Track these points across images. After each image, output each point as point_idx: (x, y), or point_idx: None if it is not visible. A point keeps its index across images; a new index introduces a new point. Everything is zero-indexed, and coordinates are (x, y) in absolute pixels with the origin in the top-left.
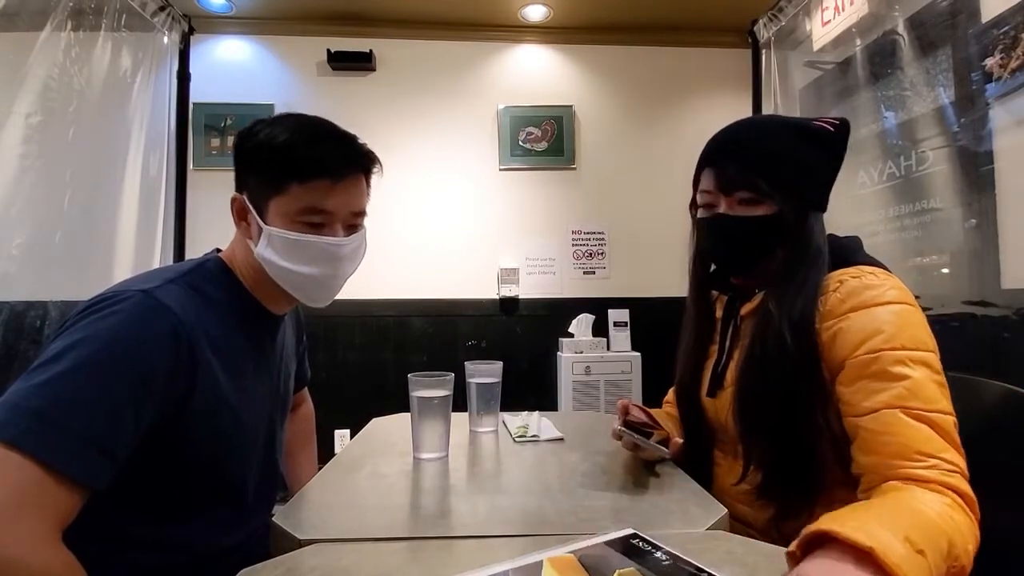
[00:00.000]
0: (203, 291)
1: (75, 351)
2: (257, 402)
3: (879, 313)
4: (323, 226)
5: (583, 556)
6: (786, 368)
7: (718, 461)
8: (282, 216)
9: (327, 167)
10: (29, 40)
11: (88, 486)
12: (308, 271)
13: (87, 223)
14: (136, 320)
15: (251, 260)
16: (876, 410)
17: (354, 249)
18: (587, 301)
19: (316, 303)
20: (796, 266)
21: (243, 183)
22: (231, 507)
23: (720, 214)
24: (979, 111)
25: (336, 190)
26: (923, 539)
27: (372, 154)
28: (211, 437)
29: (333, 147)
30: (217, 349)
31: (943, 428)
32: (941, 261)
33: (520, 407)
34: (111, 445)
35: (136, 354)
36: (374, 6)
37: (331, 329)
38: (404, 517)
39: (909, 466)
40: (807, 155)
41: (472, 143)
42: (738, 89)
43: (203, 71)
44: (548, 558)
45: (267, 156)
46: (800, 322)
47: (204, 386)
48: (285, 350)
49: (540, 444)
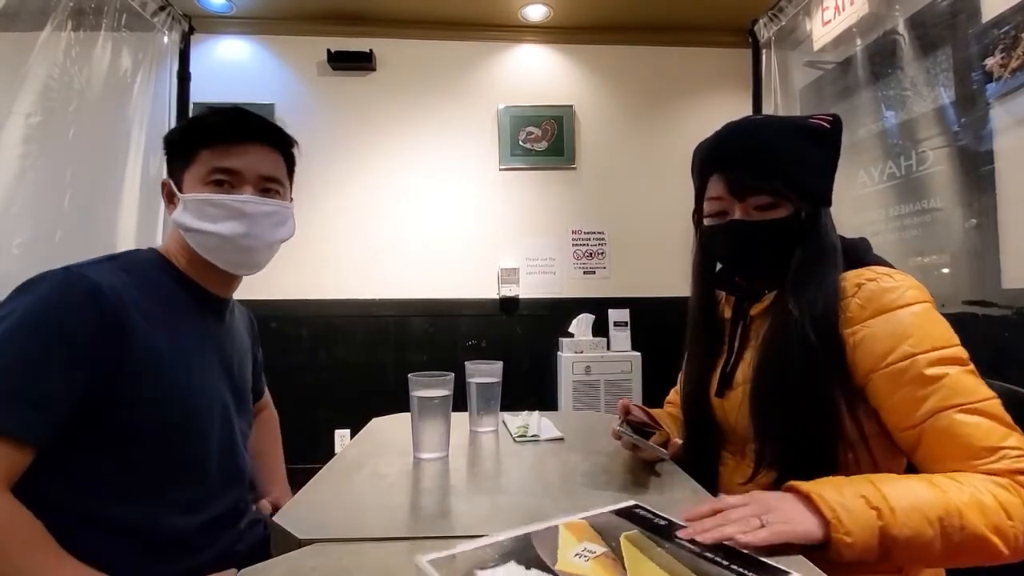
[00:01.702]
0: (131, 271)
1: (4, 322)
2: (208, 379)
3: (902, 316)
4: (233, 187)
5: (593, 522)
6: (810, 365)
7: (724, 461)
8: (195, 182)
9: (229, 129)
10: (29, 40)
11: (24, 441)
12: (218, 229)
13: (87, 223)
14: (55, 290)
15: (181, 241)
16: (931, 415)
17: (269, 213)
18: (587, 301)
19: (241, 270)
20: (812, 263)
21: (169, 168)
22: (193, 486)
23: (737, 220)
24: (979, 111)
25: (240, 152)
26: (891, 500)
27: (283, 132)
28: (158, 403)
29: (235, 115)
30: (150, 320)
31: (995, 414)
32: (941, 261)
33: (520, 407)
34: (43, 400)
35: (56, 317)
36: (374, 6)
37: (331, 329)
38: (404, 517)
39: (981, 464)
40: (813, 153)
41: (472, 143)
42: (738, 89)
43: (203, 71)
44: (563, 523)
45: (181, 133)
46: (823, 319)
47: (139, 350)
48: (236, 340)
49: (540, 444)
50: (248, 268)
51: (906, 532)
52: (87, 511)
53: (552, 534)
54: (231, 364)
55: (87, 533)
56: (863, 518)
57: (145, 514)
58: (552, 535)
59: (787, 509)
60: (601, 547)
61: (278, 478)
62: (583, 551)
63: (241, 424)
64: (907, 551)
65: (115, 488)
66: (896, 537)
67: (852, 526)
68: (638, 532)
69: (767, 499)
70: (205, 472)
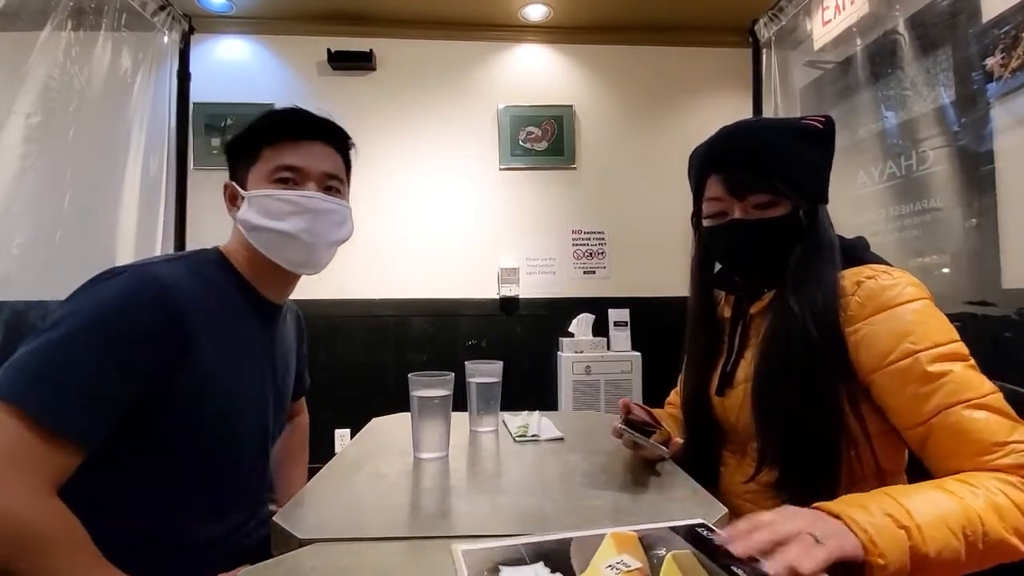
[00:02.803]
0: (200, 272)
1: (72, 318)
2: (251, 385)
3: (902, 313)
4: (297, 184)
5: (645, 535)
6: (812, 362)
7: (725, 461)
8: (259, 180)
9: (291, 128)
10: (29, 40)
11: (79, 443)
12: (284, 226)
13: (87, 223)
14: (125, 289)
15: (243, 241)
16: (937, 412)
17: (331, 210)
18: (587, 301)
19: (300, 268)
20: (811, 260)
21: (232, 170)
22: (221, 490)
23: (737, 220)
24: (979, 111)
25: (302, 148)
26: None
27: (342, 130)
28: (202, 410)
29: (297, 114)
30: (210, 325)
31: (1000, 408)
32: (941, 261)
33: (520, 407)
34: (100, 405)
35: (124, 319)
36: (374, 6)
37: (331, 329)
38: (404, 517)
39: (990, 460)
40: (810, 153)
41: (472, 143)
42: (738, 89)
43: (203, 71)
44: (612, 533)
45: (244, 134)
46: (823, 315)
47: (195, 357)
48: (284, 344)
49: (540, 444)
50: (309, 267)
51: (935, 547)
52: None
53: (595, 542)
54: (275, 371)
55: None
56: (894, 538)
57: (172, 520)
58: (594, 543)
59: (830, 523)
60: (637, 562)
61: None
62: (618, 563)
63: (274, 429)
64: (937, 566)
65: (144, 492)
66: (927, 555)
67: (885, 547)
68: (690, 552)
69: (805, 514)
70: (235, 481)
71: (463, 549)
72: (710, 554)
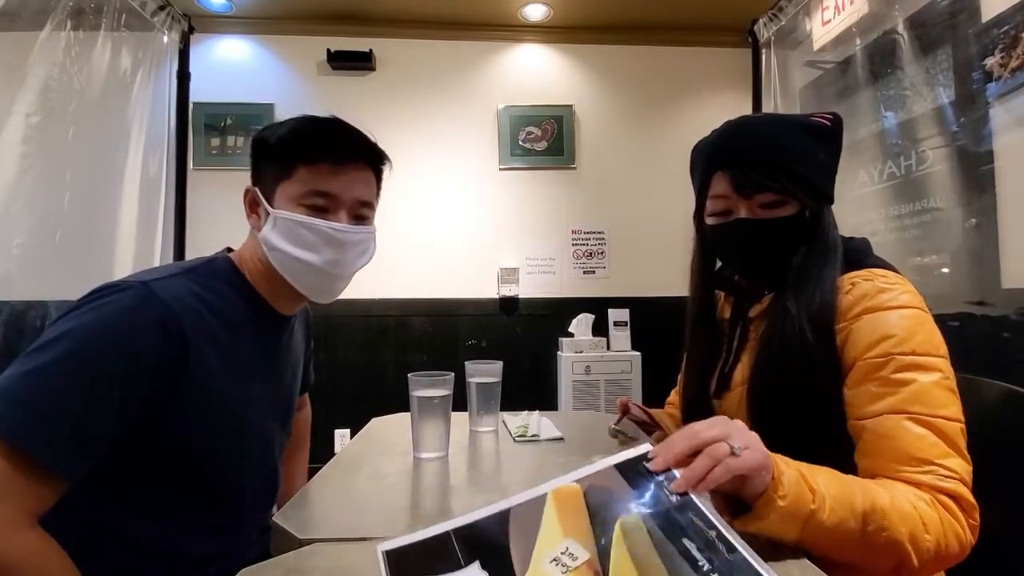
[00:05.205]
0: (208, 287)
1: (65, 340)
2: (258, 406)
3: (890, 317)
4: (327, 211)
5: (589, 490)
6: (806, 363)
7: None
8: (288, 200)
9: (333, 150)
10: (29, 40)
11: (61, 476)
12: (310, 257)
13: (87, 223)
14: (125, 310)
15: (260, 255)
16: (880, 414)
17: (359, 241)
18: (587, 301)
19: (320, 297)
20: (814, 262)
21: (256, 174)
22: (226, 510)
23: (743, 219)
24: (979, 111)
25: (340, 174)
26: (823, 485)
27: (381, 151)
28: (206, 434)
29: (340, 134)
30: (216, 344)
31: (947, 434)
32: (941, 261)
33: (520, 407)
34: (88, 437)
35: (121, 346)
36: (374, 6)
37: (331, 329)
38: (404, 517)
39: (906, 471)
40: (818, 151)
41: (472, 143)
42: (738, 89)
43: (203, 71)
44: (553, 490)
45: (279, 142)
46: (819, 316)
47: (197, 379)
48: (292, 354)
49: (540, 444)
50: (326, 296)
51: (833, 520)
52: (117, 529)
53: (535, 511)
54: (282, 382)
55: (113, 551)
56: (800, 492)
57: (175, 535)
58: (535, 513)
59: (749, 436)
60: (585, 552)
61: (293, 484)
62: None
63: (281, 437)
64: (827, 540)
65: (147, 508)
66: (822, 522)
67: (789, 491)
68: (638, 519)
69: (728, 423)
70: (240, 496)
71: (384, 550)
72: (657, 505)
